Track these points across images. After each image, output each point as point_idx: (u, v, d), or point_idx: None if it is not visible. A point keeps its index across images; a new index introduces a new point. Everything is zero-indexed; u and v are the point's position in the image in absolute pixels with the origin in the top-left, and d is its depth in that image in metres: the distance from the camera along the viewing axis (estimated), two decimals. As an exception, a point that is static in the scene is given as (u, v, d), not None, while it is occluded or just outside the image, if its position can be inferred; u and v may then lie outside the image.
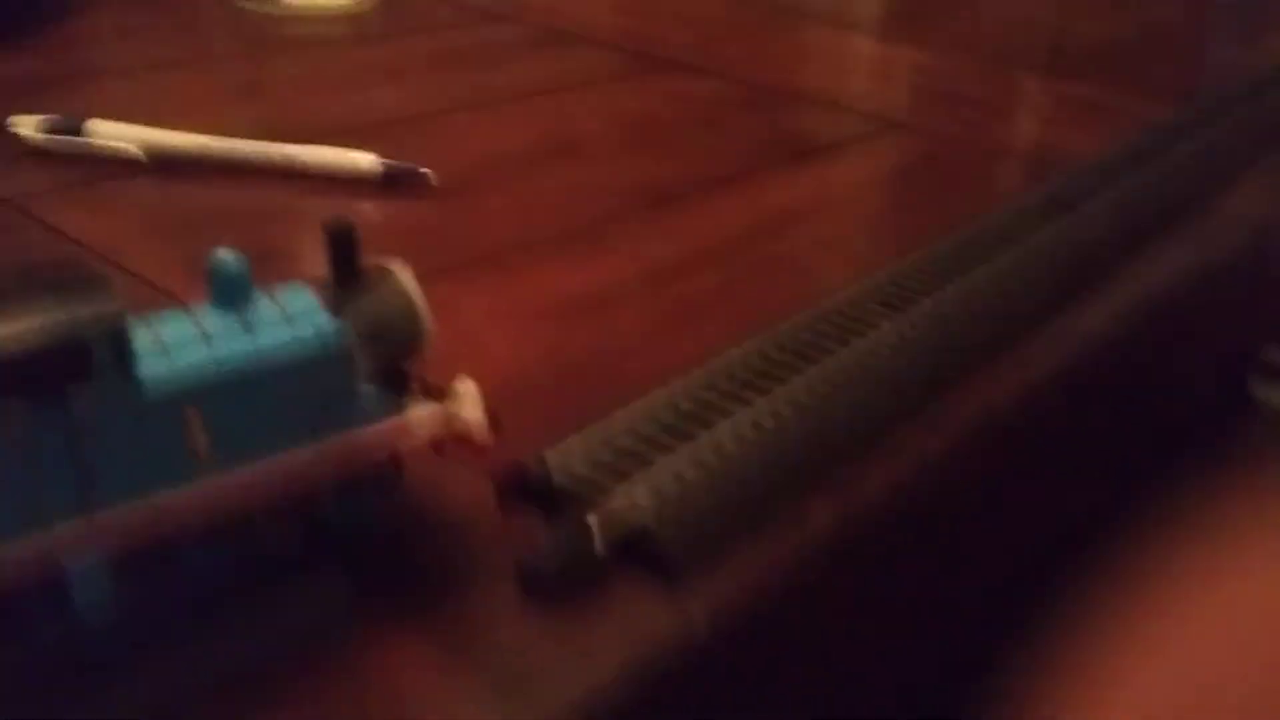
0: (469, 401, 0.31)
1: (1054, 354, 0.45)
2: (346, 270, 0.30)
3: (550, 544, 0.32)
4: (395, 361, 0.31)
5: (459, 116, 0.67)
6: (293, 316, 0.29)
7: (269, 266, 0.48)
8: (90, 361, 0.25)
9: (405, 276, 0.31)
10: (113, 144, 0.57)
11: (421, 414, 0.31)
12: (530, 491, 0.34)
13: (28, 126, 0.58)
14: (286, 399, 0.28)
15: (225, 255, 0.28)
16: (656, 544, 0.32)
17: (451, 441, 0.32)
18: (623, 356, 0.43)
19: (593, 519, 0.32)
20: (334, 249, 0.30)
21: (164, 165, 0.57)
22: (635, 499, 0.33)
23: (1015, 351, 0.45)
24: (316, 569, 0.31)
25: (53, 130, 0.57)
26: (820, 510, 0.35)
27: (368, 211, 0.55)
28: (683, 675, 0.31)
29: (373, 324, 0.30)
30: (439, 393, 0.32)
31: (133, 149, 0.57)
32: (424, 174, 0.56)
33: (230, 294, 0.28)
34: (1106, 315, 0.49)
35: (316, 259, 0.50)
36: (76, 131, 0.57)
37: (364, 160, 0.56)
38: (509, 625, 0.30)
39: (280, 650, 0.29)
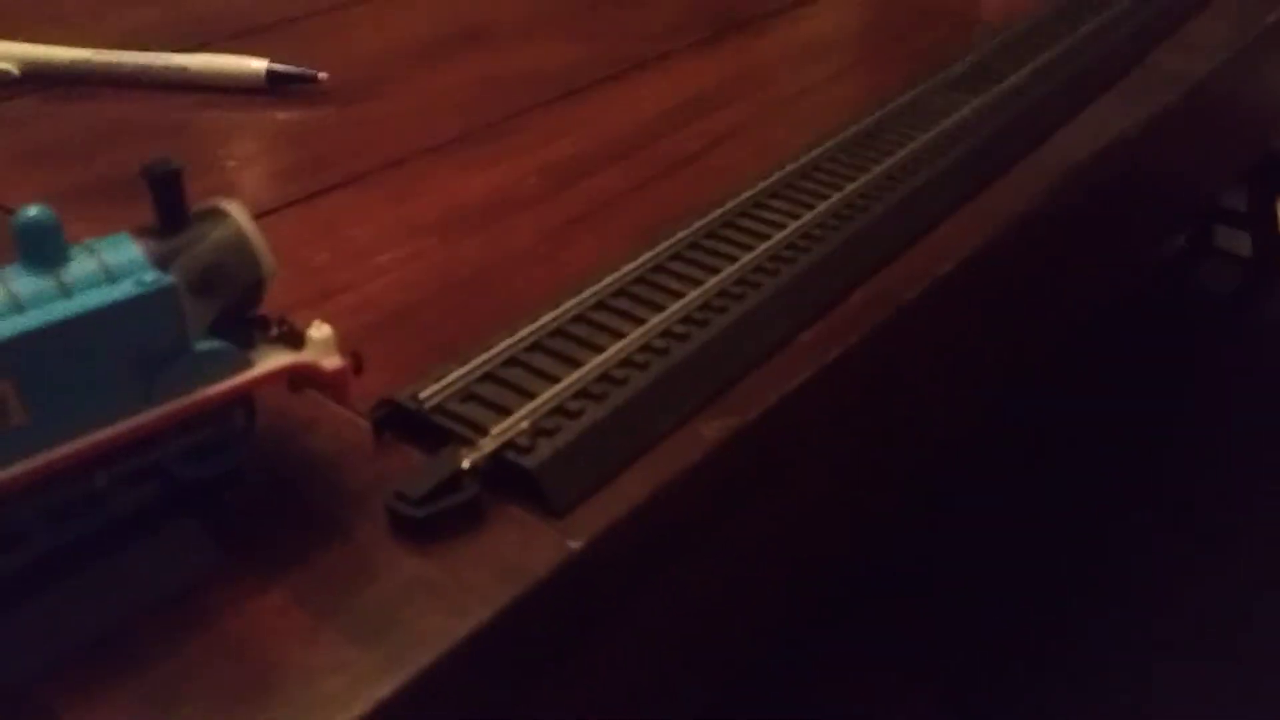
0: (322, 348, 0.30)
1: (967, 239, 0.43)
2: (173, 215, 0.28)
3: (420, 483, 0.30)
4: (237, 308, 0.29)
5: (354, 10, 0.63)
6: (113, 272, 0.27)
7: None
8: None
9: (242, 217, 0.29)
10: (-13, 62, 0.54)
11: (269, 364, 0.29)
12: (406, 427, 0.33)
13: (-104, 48, 0.54)
14: (112, 360, 0.26)
15: (32, 210, 0.26)
16: (533, 481, 0.31)
17: (310, 384, 0.31)
18: (516, 269, 0.42)
19: (467, 456, 0.31)
20: (158, 193, 0.28)
21: (44, 82, 0.54)
22: (513, 435, 0.32)
23: (930, 241, 0.43)
24: (172, 525, 0.29)
25: (-78, 51, 0.54)
26: (709, 428, 0.34)
27: (258, 121, 0.52)
28: (556, 613, 0.30)
29: (207, 272, 0.28)
30: (296, 336, 0.30)
31: (8, 66, 0.54)
32: (316, 77, 0.53)
33: (42, 252, 0.26)
34: (1030, 191, 0.47)
35: (205, 177, 0.48)
36: (-52, 51, 0.54)
37: (252, 65, 0.53)
38: (375, 572, 0.29)
39: (133, 611, 0.28)
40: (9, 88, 0.54)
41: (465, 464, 0.31)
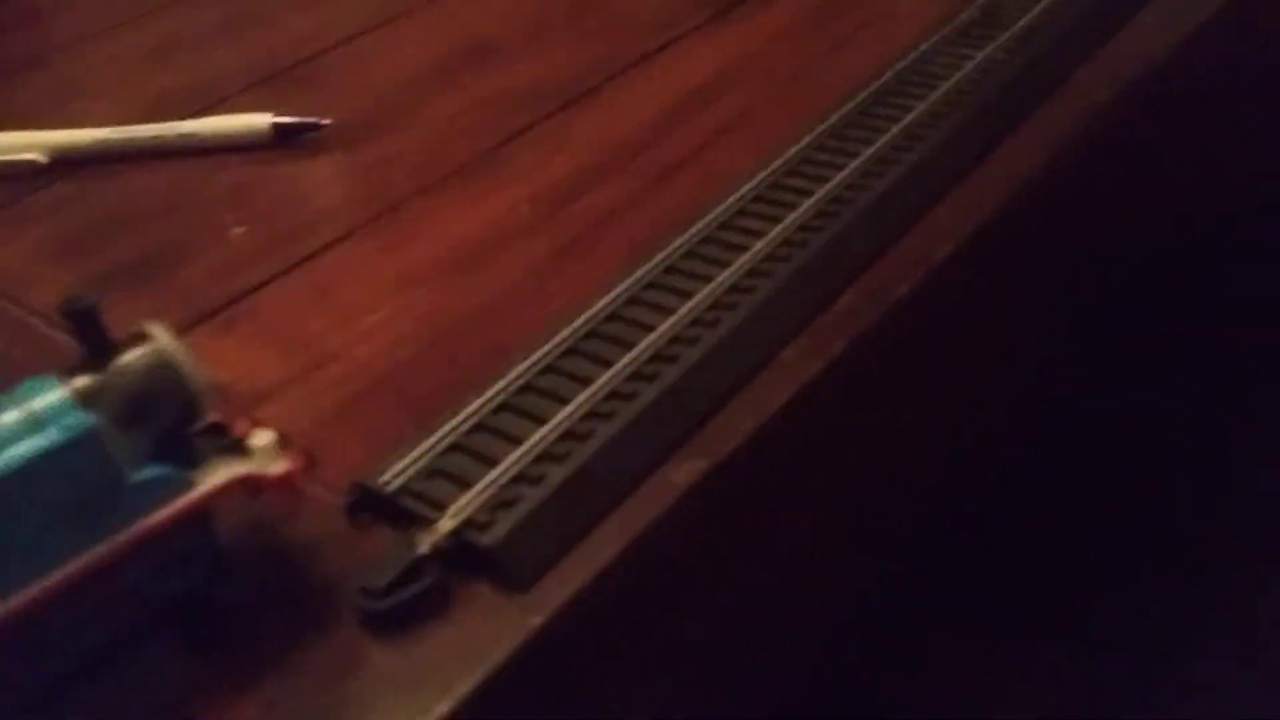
0: (265, 456, 0.30)
1: (967, 217, 0.41)
2: (97, 349, 0.29)
3: (382, 574, 0.31)
4: (175, 428, 0.30)
5: (366, 40, 0.63)
6: (40, 420, 0.27)
7: (174, 260, 0.47)
8: None
9: (165, 339, 0.29)
10: (15, 156, 0.56)
11: (211, 482, 0.29)
12: (378, 508, 0.33)
13: (-66, 153, 0.57)
14: (49, 505, 0.27)
15: (-45, 373, 0.27)
16: (492, 559, 0.31)
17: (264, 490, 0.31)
18: (501, 312, 0.41)
19: (425, 540, 0.31)
20: (79, 329, 0.29)
21: (72, 166, 0.56)
22: (471, 512, 0.32)
23: (925, 224, 0.41)
24: (151, 645, 0.30)
25: (-43, 152, 0.57)
26: (678, 472, 0.33)
27: (264, 179, 0.53)
28: (522, 694, 0.30)
29: (133, 401, 0.29)
30: (240, 445, 0.31)
31: (35, 155, 0.56)
32: (319, 125, 0.54)
33: (-33, 410, 0.27)
34: (1038, 150, 0.44)
35: (211, 252, 0.48)
36: (-19, 148, 0.57)
37: (257, 123, 0.54)
38: (347, 668, 0.30)
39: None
40: (40, 177, 0.56)
41: (424, 549, 0.31)
